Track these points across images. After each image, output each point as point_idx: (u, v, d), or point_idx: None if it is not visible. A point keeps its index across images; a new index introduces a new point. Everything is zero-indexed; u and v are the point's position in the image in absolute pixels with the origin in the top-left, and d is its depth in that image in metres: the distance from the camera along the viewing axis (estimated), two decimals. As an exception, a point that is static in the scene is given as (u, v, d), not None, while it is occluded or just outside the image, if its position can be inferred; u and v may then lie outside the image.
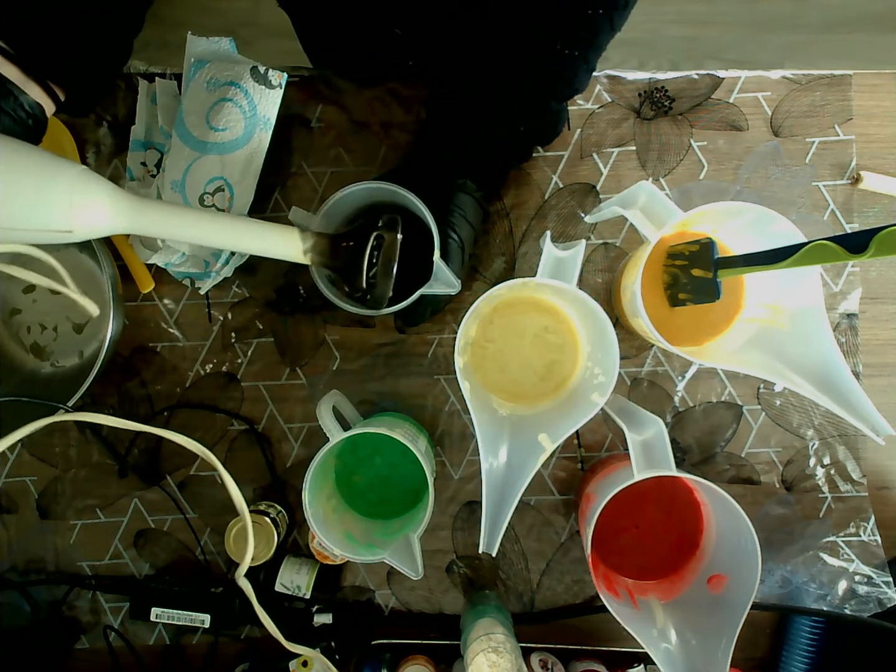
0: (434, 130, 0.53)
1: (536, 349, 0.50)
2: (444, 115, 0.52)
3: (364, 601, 0.57)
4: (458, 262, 0.50)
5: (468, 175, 0.51)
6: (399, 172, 0.52)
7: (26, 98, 0.38)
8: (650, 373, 0.57)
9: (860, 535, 0.56)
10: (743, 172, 0.56)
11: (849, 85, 0.56)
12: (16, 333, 0.57)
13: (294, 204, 0.55)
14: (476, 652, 0.46)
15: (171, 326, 0.57)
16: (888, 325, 0.56)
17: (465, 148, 0.50)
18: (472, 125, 0.49)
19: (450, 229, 0.50)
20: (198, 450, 0.47)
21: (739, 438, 0.56)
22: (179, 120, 0.51)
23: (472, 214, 0.52)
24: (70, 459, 0.57)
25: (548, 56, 0.44)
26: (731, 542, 0.47)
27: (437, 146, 0.52)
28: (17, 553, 0.57)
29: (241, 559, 0.52)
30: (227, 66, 0.51)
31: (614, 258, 0.57)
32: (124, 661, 0.57)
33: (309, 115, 0.57)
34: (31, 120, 0.39)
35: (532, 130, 0.52)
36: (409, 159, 0.55)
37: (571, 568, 0.57)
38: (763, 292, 0.49)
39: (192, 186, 0.51)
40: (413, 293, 0.46)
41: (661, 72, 0.57)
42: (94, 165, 0.56)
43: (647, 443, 0.46)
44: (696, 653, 0.45)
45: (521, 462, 0.45)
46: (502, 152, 0.52)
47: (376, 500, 0.54)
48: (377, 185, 0.47)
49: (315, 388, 0.57)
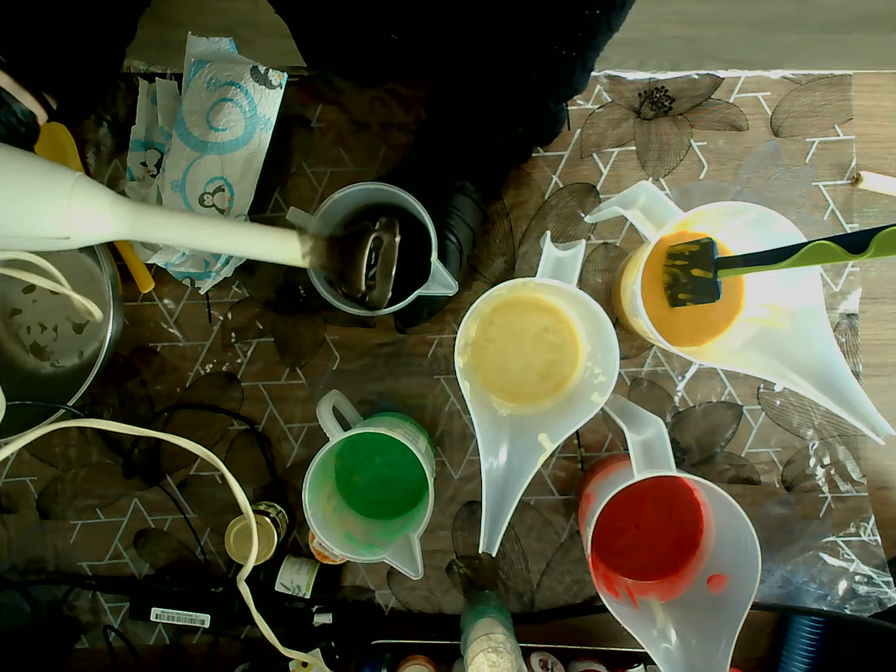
0: (433, 132, 0.53)
1: (536, 349, 0.50)
2: (443, 117, 0.52)
3: (364, 601, 0.57)
4: (455, 264, 0.50)
5: (467, 176, 0.51)
6: (398, 174, 0.52)
7: (19, 106, 0.38)
8: (650, 373, 0.57)
9: (860, 535, 0.56)
10: (743, 172, 0.56)
11: (849, 85, 0.56)
12: (16, 333, 0.57)
13: (294, 204, 0.55)
14: (476, 652, 0.46)
15: (171, 326, 0.57)
16: (888, 325, 0.56)
17: (463, 149, 0.50)
18: (471, 127, 0.49)
19: (448, 231, 0.50)
20: (201, 452, 0.47)
21: (739, 438, 0.56)
22: (179, 120, 0.51)
23: (471, 216, 0.52)
24: (70, 459, 0.57)
25: (545, 57, 0.44)
26: (731, 542, 0.47)
27: (436, 148, 0.51)
28: (17, 553, 0.57)
29: (241, 559, 0.52)
30: (228, 66, 0.51)
31: (614, 258, 0.57)
32: (124, 661, 0.57)
33: (309, 115, 0.57)
34: (24, 128, 0.39)
35: (531, 131, 0.52)
36: (408, 160, 0.55)
37: (571, 568, 0.57)
38: (763, 292, 0.49)
39: (192, 186, 0.51)
40: (411, 294, 0.46)
41: (661, 72, 0.57)
42: (94, 165, 0.57)
43: (647, 443, 0.46)
44: (696, 653, 0.45)
45: (521, 462, 0.45)
46: (501, 153, 0.52)
47: (376, 500, 0.54)
48: (375, 187, 0.47)
49: (315, 388, 0.57)
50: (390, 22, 0.53)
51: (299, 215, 0.48)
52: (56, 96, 0.40)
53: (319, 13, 0.56)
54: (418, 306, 0.52)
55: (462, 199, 0.51)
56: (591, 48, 0.45)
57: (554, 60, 0.44)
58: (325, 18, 0.56)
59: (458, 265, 0.51)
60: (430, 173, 0.51)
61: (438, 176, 0.51)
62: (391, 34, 0.53)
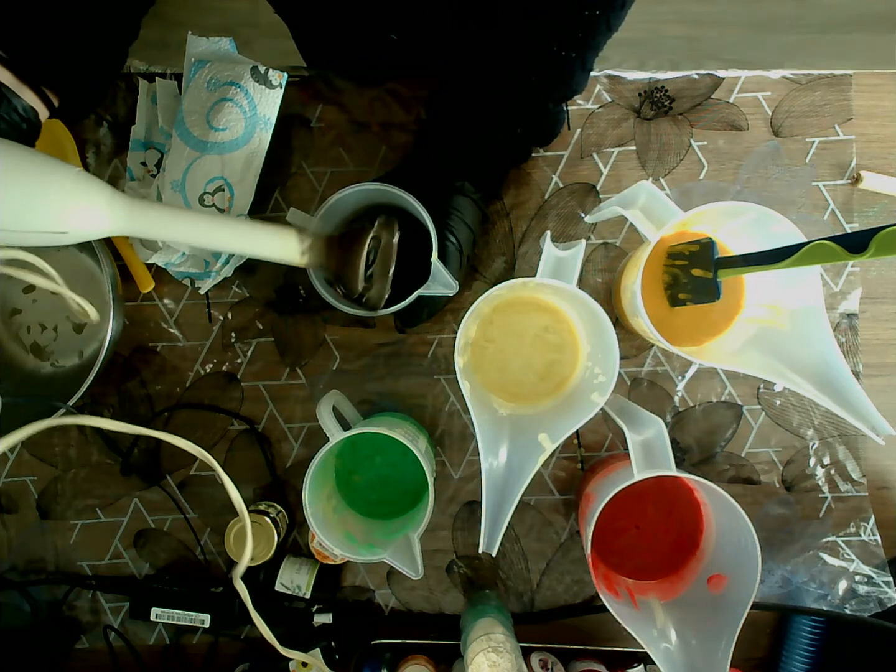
0: (433, 132, 0.53)
1: (536, 349, 0.50)
2: (443, 117, 0.52)
3: (364, 601, 0.57)
4: (455, 264, 0.50)
5: (466, 177, 0.51)
6: (398, 174, 0.52)
7: (20, 102, 0.38)
8: (650, 373, 0.57)
9: (860, 534, 0.56)
10: (743, 172, 0.56)
11: (849, 85, 0.56)
12: (16, 333, 0.57)
13: (293, 204, 0.55)
14: (476, 652, 0.46)
15: (171, 326, 0.57)
16: (888, 325, 0.56)
17: (463, 149, 0.50)
18: (471, 127, 0.49)
19: (448, 232, 0.50)
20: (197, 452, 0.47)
21: (739, 438, 0.56)
22: (179, 119, 0.51)
23: (471, 217, 0.52)
24: (70, 459, 0.57)
25: (545, 58, 0.44)
26: (731, 542, 0.47)
27: (436, 148, 0.51)
28: (17, 553, 0.57)
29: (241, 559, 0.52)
30: (228, 65, 0.51)
31: (614, 258, 0.57)
32: (124, 661, 0.57)
33: (309, 115, 0.57)
34: (25, 124, 0.39)
35: (530, 132, 0.52)
36: (408, 161, 0.55)
37: (571, 568, 0.57)
38: (763, 292, 0.49)
39: (192, 186, 0.51)
40: (411, 294, 0.46)
41: (661, 72, 0.57)
42: (94, 165, 0.57)
43: (647, 443, 0.46)
44: (696, 653, 0.45)
45: (521, 462, 0.45)
46: (500, 154, 0.52)
47: (376, 500, 0.54)
48: (375, 187, 0.47)
49: (315, 388, 0.57)
50: (390, 22, 0.53)
51: (299, 216, 0.48)
52: (57, 93, 0.40)
53: (319, 13, 0.56)
54: (418, 306, 0.52)
55: (462, 199, 0.51)
56: (590, 48, 0.45)
57: (553, 61, 0.44)
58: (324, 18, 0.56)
59: (458, 265, 0.51)
60: (430, 174, 0.51)
61: (438, 176, 0.51)
62: (391, 34, 0.53)
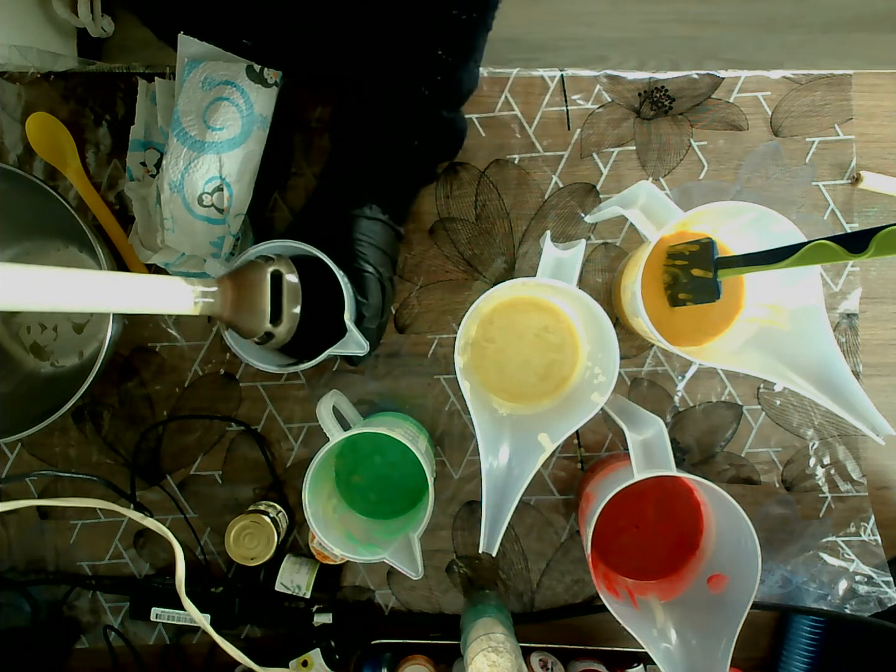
0: (334, 153, 0.52)
1: (536, 349, 0.50)
2: (341, 135, 0.51)
3: (364, 601, 0.57)
4: (376, 290, 0.49)
5: (372, 199, 0.49)
6: (304, 217, 0.52)
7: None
8: (650, 373, 0.57)
9: (860, 534, 0.56)
10: (743, 172, 0.56)
11: (849, 85, 0.56)
12: (16, 333, 0.57)
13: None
14: (476, 652, 0.46)
15: (171, 326, 0.57)
16: (888, 325, 0.56)
17: (363, 169, 0.49)
18: (367, 143, 0.48)
19: (362, 261, 0.48)
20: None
21: (739, 438, 0.56)
22: (175, 120, 0.50)
23: (382, 240, 0.50)
24: (70, 459, 0.57)
25: (430, 65, 0.44)
26: (731, 542, 0.47)
27: (338, 172, 0.51)
28: (17, 553, 0.57)
29: (241, 559, 0.52)
30: (222, 65, 0.51)
31: (614, 258, 0.57)
32: (124, 661, 0.57)
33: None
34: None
35: (428, 144, 0.51)
36: (316, 194, 0.53)
37: (571, 568, 0.57)
38: (763, 292, 0.49)
39: (191, 186, 0.51)
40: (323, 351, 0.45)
41: (661, 72, 0.57)
42: (94, 165, 0.56)
43: (647, 443, 0.46)
44: (696, 653, 0.45)
45: (521, 462, 0.45)
46: (403, 172, 0.51)
47: (376, 499, 0.54)
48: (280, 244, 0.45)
49: (315, 388, 0.57)
50: (239, 27, 0.49)
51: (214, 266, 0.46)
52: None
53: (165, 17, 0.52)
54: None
55: (369, 223, 0.49)
56: (475, 50, 0.44)
57: (439, 67, 0.44)
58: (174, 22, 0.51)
59: (378, 290, 0.50)
60: (334, 204, 0.50)
61: (342, 205, 0.50)
62: (242, 39, 0.50)
